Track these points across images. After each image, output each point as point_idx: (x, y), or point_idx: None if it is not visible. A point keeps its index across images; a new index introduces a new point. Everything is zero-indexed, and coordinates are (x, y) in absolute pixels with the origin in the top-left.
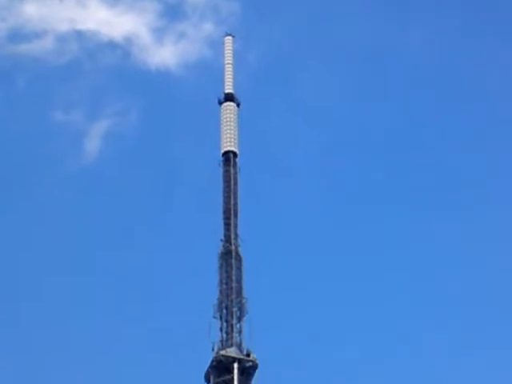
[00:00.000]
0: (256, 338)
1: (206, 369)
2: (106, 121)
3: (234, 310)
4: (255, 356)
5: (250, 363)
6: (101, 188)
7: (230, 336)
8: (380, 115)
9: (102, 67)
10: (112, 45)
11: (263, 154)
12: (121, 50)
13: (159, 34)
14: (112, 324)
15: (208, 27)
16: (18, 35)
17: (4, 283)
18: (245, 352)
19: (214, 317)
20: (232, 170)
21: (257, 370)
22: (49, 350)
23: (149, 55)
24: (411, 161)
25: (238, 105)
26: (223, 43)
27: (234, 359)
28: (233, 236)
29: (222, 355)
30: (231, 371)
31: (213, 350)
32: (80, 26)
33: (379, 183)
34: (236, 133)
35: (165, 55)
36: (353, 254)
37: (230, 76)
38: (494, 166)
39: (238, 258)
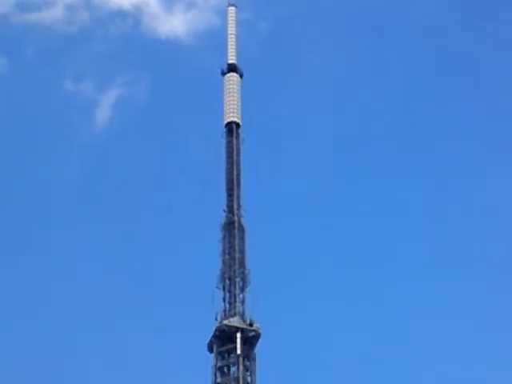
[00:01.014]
0: (259, 308)
1: (209, 338)
2: (117, 90)
3: (237, 280)
4: (258, 325)
5: (253, 333)
6: (110, 157)
7: (232, 306)
8: (388, 83)
9: (112, 36)
10: (122, 13)
11: (266, 124)
12: (130, 18)
13: (168, 2)
14: (116, 291)
15: None
16: (27, 4)
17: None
18: (248, 321)
19: (217, 287)
20: (235, 141)
21: (259, 340)
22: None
23: (159, 24)
24: (418, 130)
25: (241, 75)
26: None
27: (236, 329)
28: (236, 207)
29: (225, 325)
30: (234, 341)
31: (216, 319)
32: None
33: (388, 154)
34: (239, 103)
35: (174, 24)
36: (358, 223)
37: (232, 47)
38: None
39: (241, 229)
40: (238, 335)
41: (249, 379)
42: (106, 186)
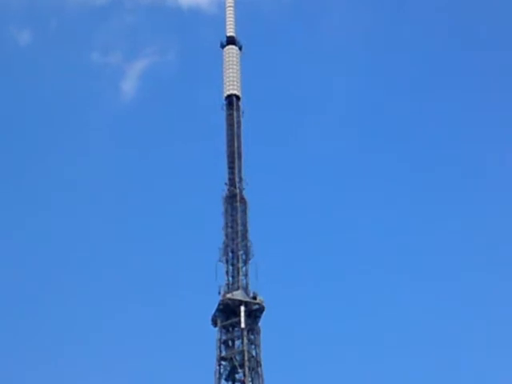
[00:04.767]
0: (262, 281)
1: (213, 312)
2: (144, 61)
3: (240, 253)
4: (262, 298)
5: (257, 306)
6: (137, 127)
7: (236, 279)
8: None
9: (139, 7)
10: None
11: (266, 96)
12: None
13: None
14: (122, 268)
15: None
16: None
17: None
18: (251, 295)
19: (220, 260)
20: (235, 114)
21: (263, 313)
22: None
23: None
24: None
25: (241, 48)
26: None
27: (240, 302)
28: (237, 179)
29: (229, 298)
30: (238, 314)
31: (219, 293)
32: None
33: (395, 127)
34: (239, 76)
35: None
36: (361, 194)
37: (231, 19)
38: None
39: (243, 202)
40: (242, 309)
41: (253, 352)
42: (131, 156)
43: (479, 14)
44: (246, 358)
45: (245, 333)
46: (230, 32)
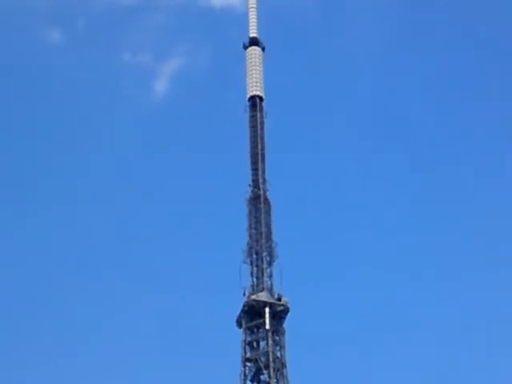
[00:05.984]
0: (286, 282)
1: (237, 314)
2: (175, 61)
3: (264, 254)
4: (286, 300)
5: (282, 307)
6: (166, 127)
7: (260, 281)
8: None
9: (169, 6)
10: None
11: (289, 97)
12: None
13: None
14: (139, 268)
15: None
16: None
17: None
18: (276, 296)
19: (244, 262)
20: (259, 115)
21: (288, 314)
22: None
23: None
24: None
25: (263, 49)
26: None
27: (265, 303)
28: (261, 181)
29: (254, 300)
30: (263, 315)
31: (244, 295)
32: None
33: (414, 133)
34: (262, 77)
35: None
36: (382, 196)
37: (254, 20)
38: None
39: (267, 203)
40: (267, 310)
41: (278, 353)
42: (159, 156)
43: (479, 14)
44: (270, 359)
45: (269, 334)
46: (253, 33)
